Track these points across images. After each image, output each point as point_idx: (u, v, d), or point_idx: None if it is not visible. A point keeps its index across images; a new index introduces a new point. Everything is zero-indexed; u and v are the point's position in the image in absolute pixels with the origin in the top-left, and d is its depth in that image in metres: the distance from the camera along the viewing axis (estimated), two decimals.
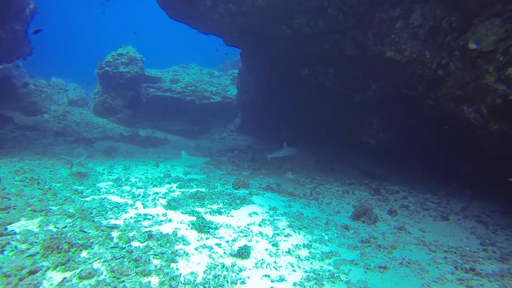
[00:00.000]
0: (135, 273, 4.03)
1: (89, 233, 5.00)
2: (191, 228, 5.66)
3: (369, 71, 10.46)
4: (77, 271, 3.96)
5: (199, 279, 4.07)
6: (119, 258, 4.35)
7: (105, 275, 3.96)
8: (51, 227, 5.11)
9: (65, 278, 3.80)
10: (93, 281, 3.82)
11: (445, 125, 8.77)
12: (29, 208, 5.71)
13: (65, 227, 5.17)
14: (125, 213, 6.25)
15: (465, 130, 7.95)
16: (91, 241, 4.71)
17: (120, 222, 5.72)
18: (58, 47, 73.12)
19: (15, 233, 4.71)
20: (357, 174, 11.65)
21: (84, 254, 4.41)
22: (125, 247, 4.69)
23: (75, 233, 4.87)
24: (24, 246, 4.39)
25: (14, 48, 16.58)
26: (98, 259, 4.30)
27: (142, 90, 21.12)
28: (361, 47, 9.68)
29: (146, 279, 3.96)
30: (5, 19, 14.83)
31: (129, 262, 4.28)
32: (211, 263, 4.50)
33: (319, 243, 5.57)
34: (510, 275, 4.50)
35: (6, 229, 4.78)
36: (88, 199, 6.94)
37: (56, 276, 3.85)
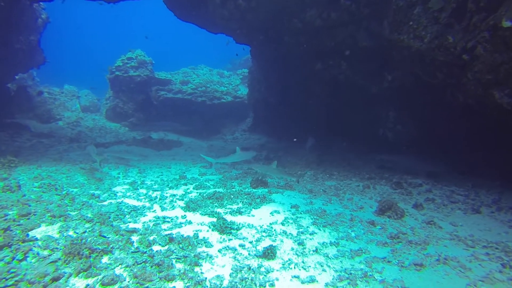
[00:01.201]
0: (158, 279, 3.85)
1: (108, 237, 4.87)
2: (212, 230, 5.47)
3: (384, 62, 10.11)
4: (100, 277, 3.81)
5: (225, 283, 3.87)
6: (141, 263, 4.18)
7: (128, 281, 3.79)
8: (71, 233, 4.99)
9: (88, 285, 3.66)
10: (116, 287, 3.66)
11: (469, 113, 8.37)
12: (49, 214, 5.62)
13: (84, 232, 5.05)
14: (144, 216, 6.11)
15: (492, 117, 7.54)
16: (111, 246, 4.56)
17: (139, 226, 5.58)
18: (68, 54, 74.66)
19: (36, 239, 4.61)
20: (375, 169, 11.28)
21: (105, 259, 4.26)
22: (146, 251, 4.53)
23: (95, 238, 4.74)
24: (46, 252, 4.27)
25: (28, 58, 16.85)
26: (119, 264, 4.14)
27: (152, 93, 21.16)
28: (376, 37, 9.36)
29: (170, 285, 3.78)
30: (20, 29, 15.04)
31: (151, 267, 4.11)
32: (237, 265, 4.29)
33: (346, 240, 5.31)
34: None
35: (27, 235, 4.69)
36: (105, 203, 6.84)
37: (79, 282, 3.71)
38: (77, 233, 4.99)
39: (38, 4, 17.04)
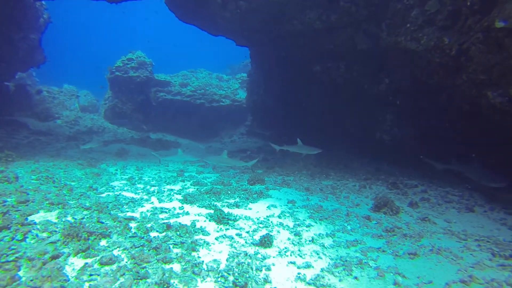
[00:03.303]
0: (156, 260, 3.89)
1: (107, 223, 4.91)
2: (210, 220, 5.52)
3: (382, 65, 10.27)
4: (98, 257, 3.85)
5: (222, 266, 3.92)
6: (138, 247, 4.22)
7: (126, 262, 3.84)
8: (69, 218, 5.03)
9: (86, 263, 3.70)
10: (114, 266, 3.70)
11: (464, 116, 8.50)
12: (47, 202, 5.65)
13: (83, 218, 5.08)
14: (141, 207, 6.15)
15: (487, 118, 7.67)
16: (109, 230, 4.60)
17: (136, 215, 5.62)
18: (68, 54, 74.95)
19: (35, 223, 4.64)
20: (372, 171, 11.38)
21: (103, 242, 4.30)
22: (144, 236, 4.57)
23: (93, 224, 4.77)
24: (44, 235, 4.31)
25: (29, 57, 16.94)
26: (117, 247, 4.18)
27: (152, 94, 21.26)
28: (374, 39, 9.54)
29: (168, 266, 3.82)
30: (23, 27, 15.16)
31: (149, 250, 4.15)
32: (233, 252, 4.34)
33: (342, 232, 5.38)
34: None
35: (26, 219, 4.72)
36: (103, 195, 6.88)
37: (78, 261, 3.75)
38: (75, 218, 5.02)
39: (40, 3, 17.17)
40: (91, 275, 3.48)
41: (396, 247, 4.83)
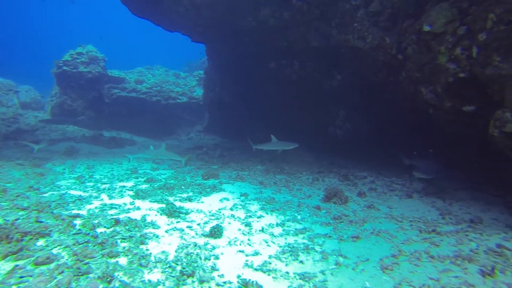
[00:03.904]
0: (101, 255, 3.77)
1: (47, 222, 4.63)
2: (161, 214, 5.45)
3: (334, 62, 10.73)
4: (33, 258, 3.63)
5: (170, 257, 3.90)
6: (82, 243, 4.05)
7: (67, 259, 3.67)
8: None
9: (17, 265, 3.46)
10: (52, 265, 3.52)
11: (407, 111, 9.13)
12: None
13: (17, 219, 4.73)
14: (89, 204, 5.89)
15: (423, 113, 8.35)
16: (50, 229, 4.36)
17: (83, 212, 5.38)
18: (11, 47, 68.91)
19: None
20: (325, 164, 11.87)
21: (41, 242, 4.06)
22: (89, 233, 4.39)
23: (30, 224, 4.48)
24: None
25: None
26: (58, 245, 3.98)
27: (105, 91, 20.26)
28: (326, 37, 9.94)
29: (113, 260, 3.72)
30: None
31: (94, 246, 4.00)
32: (183, 243, 4.33)
33: (292, 222, 5.56)
34: (463, 232, 4.87)
35: None
36: (46, 194, 6.48)
37: (6, 265, 3.50)
38: (7, 220, 4.65)
39: None
40: (21, 277, 3.25)
41: (342, 232, 5.12)
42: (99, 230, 4.55)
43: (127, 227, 4.67)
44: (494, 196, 7.17)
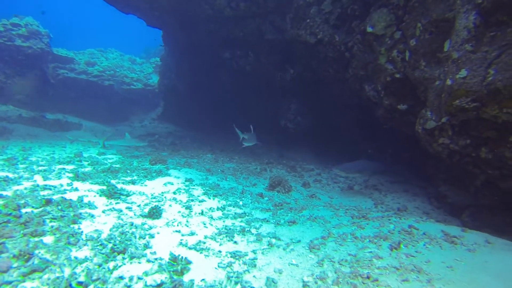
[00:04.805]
0: (21, 235, 3.57)
1: None
2: (100, 195, 5.27)
3: (287, 56, 11.01)
4: None
5: (103, 236, 3.82)
6: (0, 223, 3.80)
7: None
8: None
9: None
10: None
11: (354, 107, 9.67)
12: None
13: None
14: (18, 185, 5.49)
15: (369, 109, 8.91)
16: None
17: (8, 193, 4.99)
18: None
19: None
20: (275, 156, 12.20)
21: None
22: (11, 213, 4.10)
23: None
24: None
25: None
26: None
27: (50, 70, 18.85)
28: (280, 31, 10.16)
29: (37, 239, 3.55)
30: None
31: (15, 225, 3.77)
32: (119, 223, 4.25)
33: (233, 207, 5.67)
34: (387, 217, 5.35)
35: None
36: None
37: None
38: None
39: None
40: None
41: (280, 218, 5.33)
42: (24, 210, 4.29)
43: (59, 207, 4.46)
44: (420, 188, 7.91)
